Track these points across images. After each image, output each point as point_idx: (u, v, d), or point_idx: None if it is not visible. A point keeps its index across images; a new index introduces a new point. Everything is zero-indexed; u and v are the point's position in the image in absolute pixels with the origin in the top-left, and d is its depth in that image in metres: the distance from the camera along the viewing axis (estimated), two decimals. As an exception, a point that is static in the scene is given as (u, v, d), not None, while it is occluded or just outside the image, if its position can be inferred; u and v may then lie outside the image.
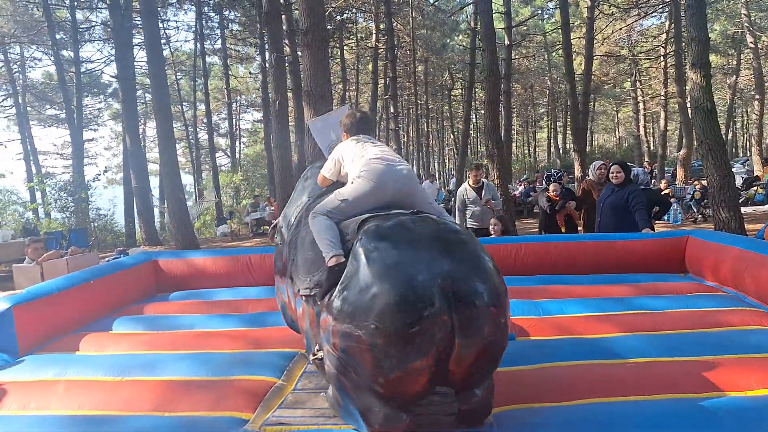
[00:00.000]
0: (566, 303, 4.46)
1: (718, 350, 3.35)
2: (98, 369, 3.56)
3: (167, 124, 13.96)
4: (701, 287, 4.92)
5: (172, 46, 32.63)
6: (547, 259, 5.71)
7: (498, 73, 13.68)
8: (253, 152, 47.83)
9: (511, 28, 22.48)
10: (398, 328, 2.20)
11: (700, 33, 9.19)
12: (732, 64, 36.13)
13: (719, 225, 8.93)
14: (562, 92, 38.51)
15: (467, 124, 26.27)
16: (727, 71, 37.21)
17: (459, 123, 38.80)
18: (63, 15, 25.70)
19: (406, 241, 2.47)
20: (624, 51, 35.31)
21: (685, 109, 21.14)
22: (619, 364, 3.25)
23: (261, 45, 25.19)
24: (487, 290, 2.34)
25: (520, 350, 3.48)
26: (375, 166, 3.02)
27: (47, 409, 3.10)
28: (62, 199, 18.97)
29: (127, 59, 18.86)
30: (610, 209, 6.44)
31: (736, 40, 32.71)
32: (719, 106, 29.31)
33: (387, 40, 25.09)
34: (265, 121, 26.75)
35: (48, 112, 35.79)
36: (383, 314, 2.22)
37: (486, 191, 8.09)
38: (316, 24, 7.64)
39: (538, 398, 2.85)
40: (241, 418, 2.85)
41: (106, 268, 5.60)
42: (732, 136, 48.03)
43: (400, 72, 31.49)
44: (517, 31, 27.56)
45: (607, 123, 59.22)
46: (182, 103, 35.77)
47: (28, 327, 4.15)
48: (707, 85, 9.18)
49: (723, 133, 17.79)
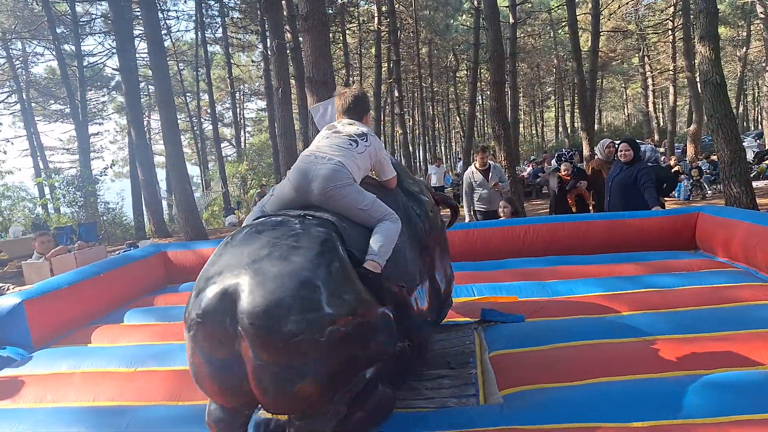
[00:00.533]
0: (576, 283, 4.45)
1: (730, 326, 3.33)
2: (112, 360, 3.60)
3: (171, 115, 13.95)
4: (712, 263, 4.89)
5: (173, 37, 32.53)
6: (557, 239, 5.69)
7: (503, 53, 13.59)
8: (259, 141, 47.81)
9: (515, 6, 22.29)
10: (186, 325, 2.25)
11: (708, 5, 9.06)
12: (742, 36, 35.70)
13: (730, 200, 8.86)
14: (569, 70, 38.25)
15: (473, 105, 26.14)
16: (737, 43, 36.82)
17: (465, 105, 38.53)
18: (63, 9, 25.61)
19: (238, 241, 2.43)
20: (631, 26, 35.02)
21: (695, 84, 20.93)
22: (631, 342, 3.24)
23: (262, 32, 25.03)
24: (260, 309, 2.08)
25: (530, 331, 3.49)
26: (298, 162, 2.83)
27: (64, 401, 3.15)
28: (70, 194, 19.06)
29: (129, 51, 18.83)
30: (619, 188, 6.39)
31: (745, 11, 32.28)
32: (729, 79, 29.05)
33: (389, 22, 24.96)
34: (269, 109, 26.68)
35: (53, 107, 35.89)
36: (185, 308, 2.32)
37: (493, 173, 8.05)
38: (315, 8, 7.59)
39: (549, 378, 2.85)
40: (253, 406, 2.86)
41: (116, 260, 5.64)
42: (743, 109, 47.62)
43: (403, 55, 31.36)
44: (522, 8, 27.30)
45: (615, 100, 58.83)
46: (185, 93, 35.76)
47: (40, 321, 4.21)
48: (716, 58, 9.07)
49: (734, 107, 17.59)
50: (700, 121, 21.58)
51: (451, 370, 3.16)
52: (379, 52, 27.26)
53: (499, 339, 3.41)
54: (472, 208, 8.16)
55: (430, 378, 3.09)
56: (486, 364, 3.15)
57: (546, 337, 3.34)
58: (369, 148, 2.92)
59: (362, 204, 2.69)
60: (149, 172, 19.10)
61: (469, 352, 3.37)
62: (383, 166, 3.05)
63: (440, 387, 2.97)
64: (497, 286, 4.48)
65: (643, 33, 33.70)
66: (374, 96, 27.30)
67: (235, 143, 36.87)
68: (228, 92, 36.56)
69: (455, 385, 2.98)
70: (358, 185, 2.75)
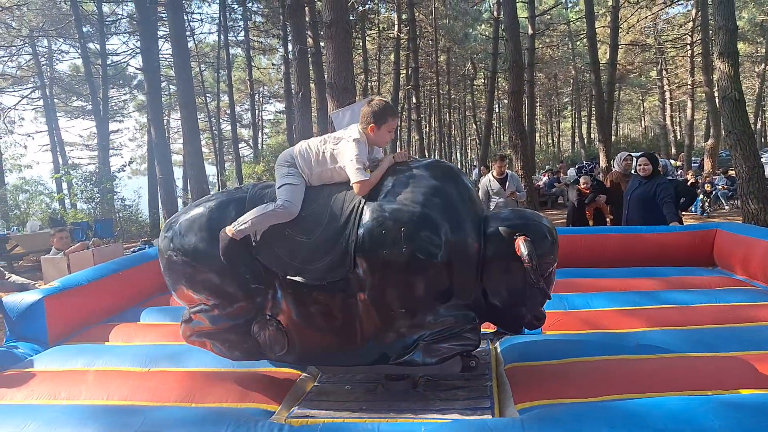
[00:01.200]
0: (593, 297, 4.41)
1: (749, 346, 3.29)
2: (126, 359, 3.61)
3: (192, 116, 14.06)
4: (731, 281, 4.85)
5: (196, 38, 32.79)
6: (574, 251, 5.65)
7: (522, 64, 13.59)
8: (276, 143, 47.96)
9: (534, 17, 22.28)
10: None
11: (727, 21, 9.02)
12: (760, 52, 35.47)
13: (748, 217, 8.80)
14: (586, 81, 38.09)
15: (490, 114, 26.10)
16: (755, 59, 36.60)
17: (481, 113, 38.51)
18: (90, 8, 25.92)
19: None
20: (650, 39, 34.86)
21: (713, 99, 20.81)
22: (649, 359, 3.20)
23: (284, 36, 25.19)
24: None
25: (545, 345, 3.46)
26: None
27: (77, 399, 3.15)
28: (88, 189, 19.18)
29: (153, 51, 18.99)
30: (637, 202, 6.36)
31: (764, 28, 32.11)
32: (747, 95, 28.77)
33: (409, 30, 24.99)
34: (287, 112, 26.78)
35: (74, 104, 36.22)
36: None
37: (510, 182, 8.03)
38: (339, 17, 7.63)
39: (565, 393, 2.82)
40: (267, 410, 2.87)
41: (133, 259, 5.66)
42: (761, 125, 47.21)
43: (422, 62, 31.37)
44: (541, 20, 27.27)
45: (632, 112, 58.47)
46: (206, 94, 35.95)
47: (58, 317, 4.23)
48: (735, 75, 9.02)
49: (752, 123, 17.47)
50: (717, 136, 21.46)
51: (466, 381, 3.14)
52: (398, 59, 27.29)
53: (514, 351, 3.39)
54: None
55: (445, 389, 3.07)
56: (501, 377, 3.13)
57: (563, 351, 3.31)
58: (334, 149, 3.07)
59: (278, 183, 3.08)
60: (167, 171, 19.20)
61: (485, 363, 3.35)
62: (348, 169, 2.98)
63: (455, 398, 2.95)
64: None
65: (661, 47, 33.57)
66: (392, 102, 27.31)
67: (253, 144, 36.96)
68: (247, 94, 36.70)
69: (470, 397, 2.96)
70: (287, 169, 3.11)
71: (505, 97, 26.21)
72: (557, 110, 56.13)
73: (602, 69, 21.16)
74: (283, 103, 35.12)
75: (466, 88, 44.65)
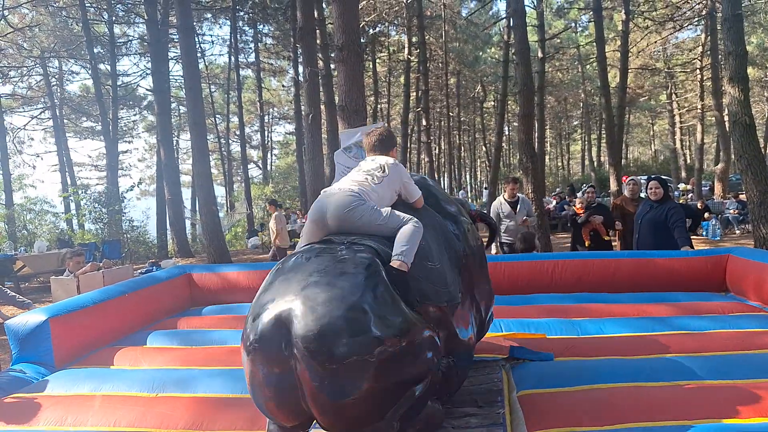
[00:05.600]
0: (605, 322, 4.37)
1: (764, 373, 3.23)
2: (133, 384, 3.57)
3: (202, 137, 14.10)
4: (744, 307, 4.79)
5: (206, 60, 33.13)
6: (585, 275, 5.60)
7: (532, 88, 13.61)
8: (285, 164, 48.18)
9: (544, 40, 22.39)
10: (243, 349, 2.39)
11: (737, 47, 9.04)
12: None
13: (759, 241, 8.74)
14: (596, 105, 38.16)
15: (500, 137, 26.11)
16: (764, 84, 36.61)
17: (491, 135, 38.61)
18: (101, 30, 26.26)
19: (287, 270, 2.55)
20: (659, 64, 34.95)
21: (723, 123, 20.81)
22: (663, 386, 3.15)
23: (294, 58, 25.42)
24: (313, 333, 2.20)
25: (558, 371, 3.41)
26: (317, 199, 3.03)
27: (84, 425, 3.12)
28: (96, 210, 19.22)
29: (163, 73, 19.18)
30: (648, 226, 6.31)
31: (773, 53, 32.15)
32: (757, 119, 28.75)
33: (419, 53, 25.12)
34: (297, 133, 26.93)
35: (84, 124, 36.58)
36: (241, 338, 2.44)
37: (521, 206, 8.01)
38: (351, 40, 7.66)
39: (578, 422, 2.77)
40: (277, 438, 2.82)
41: (141, 281, 5.63)
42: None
43: (432, 84, 31.52)
44: (551, 43, 27.38)
45: (642, 136, 58.45)
46: (215, 115, 36.22)
47: (64, 340, 4.19)
48: (745, 99, 9.03)
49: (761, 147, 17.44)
50: (728, 160, 21.41)
51: (478, 408, 3.09)
52: (408, 81, 27.42)
53: (527, 378, 3.34)
54: (499, 240, 8.10)
55: (457, 416, 3.02)
56: (514, 404, 3.08)
57: (576, 378, 3.26)
58: (386, 177, 3.07)
59: (380, 219, 2.85)
60: (176, 192, 19.27)
61: (497, 390, 3.29)
62: (407, 189, 3.18)
63: (467, 426, 2.90)
64: (525, 322, 4.42)
65: (671, 71, 33.62)
66: (402, 124, 27.42)
67: (262, 165, 37.14)
68: (257, 115, 36.98)
69: (483, 424, 2.91)
70: (371, 204, 2.88)
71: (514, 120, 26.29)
72: (567, 133, 56.22)
73: (612, 93, 21.19)
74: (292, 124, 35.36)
75: (476, 111, 44.82)
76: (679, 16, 25.67)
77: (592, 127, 46.42)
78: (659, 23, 26.25)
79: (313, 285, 2.37)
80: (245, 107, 38.31)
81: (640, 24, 25.20)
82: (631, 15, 22.39)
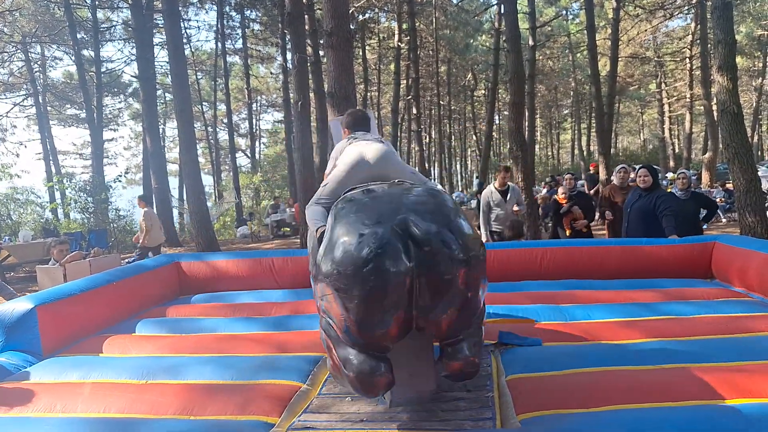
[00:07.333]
0: (593, 308, 4.41)
1: (746, 356, 3.28)
2: (123, 372, 3.56)
3: (189, 125, 14.03)
4: (728, 293, 4.85)
5: (192, 46, 32.86)
6: (573, 263, 5.64)
7: (523, 75, 13.61)
8: (273, 153, 48.02)
9: (535, 28, 22.38)
10: (354, 269, 2.30)
11: (726, 35, 9.08)
12: (758, 66, 35.70)
13: (745, 229, 8.83)
14: (586, 94, 38.24)
15: (490, 126, 26.18)
16: (752, 74, 36.80)
17: (482, 124, 38.66)
18: (84, 14, 25.94)
19: (372, 198, 2.63)
20: (649, 52, 35.07)
21: (711, 112, 20.93)
22: (647, 370, 3.19)
23: (282, 45, 25.22)
24: (444, 233, 2.36)
25: (546, 356, 3.44)
26: (350, 149, 3.29)
27: (74, 412, 3.10)
28: (82, 199, 19.07)
29: (148, 59, 19.00)
30: (638, 214, 6.35)
31: (762, 42, 32.29)
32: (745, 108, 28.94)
33: (410, 40, 25.06)
34: (286, 121, 26.79)
35: (68, 111, 36.18)
36: (342, 259, 2.34)
37: (512, 195, 8.04)
38: (340, 25, 7.63)
39: (565, 404, 2.80)
40: (267, 423, 2.84)
41: (129, 269, 5.60)
42: (758, 139, 47.39)
43: (422, 72, 31.46)
44: (542, 31, 27.38)
45: (631, 125, 58.71)
46: (202, 103, 36.01)
47: (51, 328, 4.16)
48: (734, 88, 9.09)
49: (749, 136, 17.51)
50: (715, 149, 21.55)
51: (467, 392, 3.12)
52: (398, 69, 27.38)
53: (515, 362, 3.37)
54: (488, 228, 8.14)
55: (446, 400, 3.04)
56: (503, 388, 3.11)
57: (563, 362, 3.29)
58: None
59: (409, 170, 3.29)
60: (163, 180, 19.17)
61: (486, 374, 3.33)
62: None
63: (456, 409, 2.93)
64: (514, 308, 4.45)
65: (660, 60, 33.73)
66: (392, 112, 27.42)
67: (250, 154, 36.97)
68: (245, 103, 36.80)
69: (472, 408, 2.94)
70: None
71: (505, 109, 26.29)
72: (557, 122, 56.35)
73: (602, 81, 21.23)
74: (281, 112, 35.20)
75: (467, 99, 44.86)
76: (670, 4, 25.76)
77: (582, 116, 46.57)
78: (650, 11, 26.31)
79: (414, 202, 2.50)
80: (233, 95, 38.10)
81: (631, 12, 25.24)
82: (622, 3, 22.42)
